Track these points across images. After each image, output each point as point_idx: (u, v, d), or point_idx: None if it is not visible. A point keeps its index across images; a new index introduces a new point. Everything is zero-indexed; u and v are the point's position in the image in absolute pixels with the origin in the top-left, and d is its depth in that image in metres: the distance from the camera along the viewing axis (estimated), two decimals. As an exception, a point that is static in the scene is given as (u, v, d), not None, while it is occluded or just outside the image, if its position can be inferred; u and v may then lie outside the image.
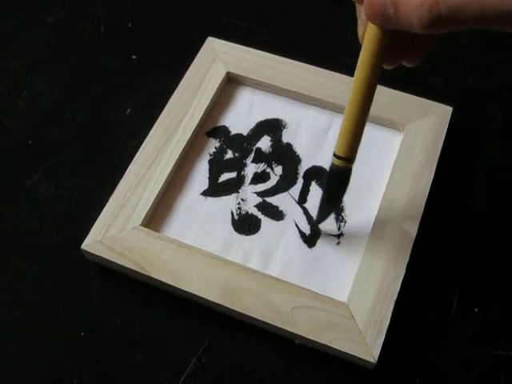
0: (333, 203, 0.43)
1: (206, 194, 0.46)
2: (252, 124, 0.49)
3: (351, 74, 0.50)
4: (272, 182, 0.47)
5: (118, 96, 0.53)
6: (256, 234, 0.44)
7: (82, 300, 0.43)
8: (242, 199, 0.46)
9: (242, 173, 0.47)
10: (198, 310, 0.42)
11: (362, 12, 0.34)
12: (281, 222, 0.45)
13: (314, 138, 0.48)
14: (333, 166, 0.39)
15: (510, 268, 0.44)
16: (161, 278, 0.41)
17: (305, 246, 0.44)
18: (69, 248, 0.45)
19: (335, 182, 0.41)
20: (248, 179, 0.47)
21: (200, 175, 0.47)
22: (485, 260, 0.44)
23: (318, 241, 0.44)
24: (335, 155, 0.38)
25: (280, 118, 0.49)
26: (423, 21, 0.29)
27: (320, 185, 0.46)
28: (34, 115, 0.52)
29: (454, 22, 0.28)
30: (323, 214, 0.43)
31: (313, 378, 0.40)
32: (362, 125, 0.37)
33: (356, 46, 0.33)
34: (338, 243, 0.44)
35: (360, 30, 0.35)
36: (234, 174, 0.47)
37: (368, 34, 0.33)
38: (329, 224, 0.44)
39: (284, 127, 0.49)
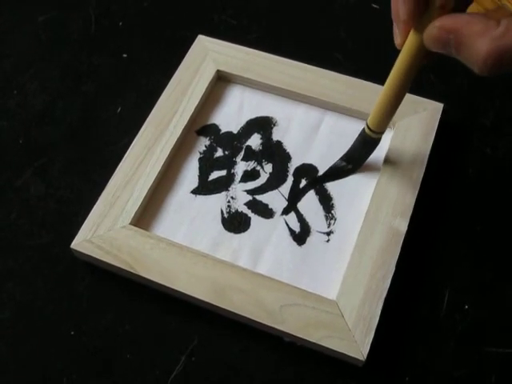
0: (354, 168, 0.46)
1: (195, 192, 0.46)
2: (242, 122, 0.49)
3: (342, 72, 0.50)
4: (262, 179, 0.47)
5: (108, 95, 0.52)
6: (246, 232, 0.44)
7: (72, 299, 0.43)
8: (232, 197, 0.46)
9: (232, 171, 0.47)
10: (188, 308, 0.42)
11: (399, 18, 0.34)
12: (270, 219, 0.45)
13: (305, 136, 0.48)
14: (364, 133, 0.43)
15: (500, 265, 0.44)
16: (150, 277, 0.41)
17: (294, 243, 0.44)
18: (59, 247, 0.45)
19: (362, 147, 0.45)
20: (238, 177, 0.47)
21: (190, 173, 0.47)
22: (475, 257, 0.44)
23: (308, 238, 0.44)
24: (367, 126, 0.42)
25: (270, 115, 0.49)
26: (484, 70, 0.30)
27: (310, 183, 0.46)
28: (25, 115, 0.52)
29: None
30: (335, 172, 0.46)
31: (302, 375, 0.40)
32: (397, 104, 0.40)
33: (347, 43, 0.33)
34: (328, 241, 0.44)
35: (397, 37, 0.35)
36: (223, 172, 0.47)
37: (411, 43, 0.35)
38: (319, 222, 0.44)
39: (274, 125, 0.49)
